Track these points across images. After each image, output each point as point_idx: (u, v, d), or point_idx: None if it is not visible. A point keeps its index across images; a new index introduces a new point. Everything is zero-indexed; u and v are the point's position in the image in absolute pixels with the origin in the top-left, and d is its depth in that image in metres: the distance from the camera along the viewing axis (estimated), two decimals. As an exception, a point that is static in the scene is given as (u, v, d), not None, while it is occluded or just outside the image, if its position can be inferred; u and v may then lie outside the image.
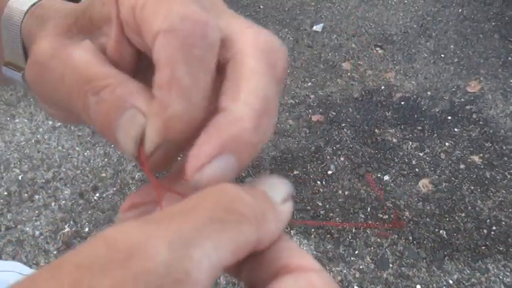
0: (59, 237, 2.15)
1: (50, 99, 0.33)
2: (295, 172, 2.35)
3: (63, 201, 2.26)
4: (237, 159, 0.26)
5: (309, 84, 2.76)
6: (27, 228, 2.16)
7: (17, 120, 2.61)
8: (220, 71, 0.28)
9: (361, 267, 2.07)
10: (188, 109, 0.26)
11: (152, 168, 0.28)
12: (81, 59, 0.30)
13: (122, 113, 0.27)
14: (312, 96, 2.69)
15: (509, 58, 2.85)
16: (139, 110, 0.27)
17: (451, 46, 2.95)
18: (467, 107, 2.62)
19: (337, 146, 2.46)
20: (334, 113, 2.61)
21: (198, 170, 0.25)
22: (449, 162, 2.39)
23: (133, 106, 0.27)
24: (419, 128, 2.54)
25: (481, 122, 2.55)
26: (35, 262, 2.06)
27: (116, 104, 0.27)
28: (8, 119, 2.61)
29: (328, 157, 2.41)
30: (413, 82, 2.76)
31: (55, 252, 2.09)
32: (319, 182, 2.32)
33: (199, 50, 0.26)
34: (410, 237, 2.14)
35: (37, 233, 2.15)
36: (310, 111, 2.62)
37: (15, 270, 0.82)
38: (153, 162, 0.28)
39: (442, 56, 2.90)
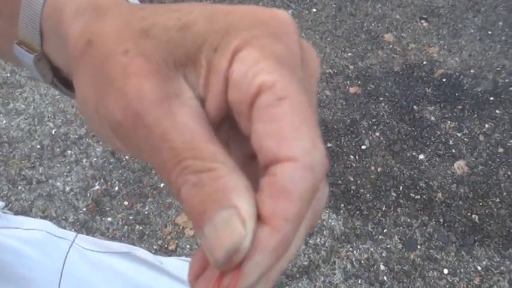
0: (88, 194, 2.16)
1: (132, 147, 0.28)
2: (329, 145, 2.31)
3: (95, 159, 2.27)
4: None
5: (349, 54, 2.69)
6: (58, 183, 2.18)
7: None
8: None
9: (388, 246, 2.04)
10: (301, 244, 0.27)
11: None
12: (188, 125, 0.26)
13: (219, 209, 0.24)
14: (351, 67, 2.63)
15: (560, 39, 2.74)
16: (240, 214, 0.24)
17: (500, 23, 2.84)
18: (511, 88, 2.53)
19: (373, 120, 2.41)
20: (373, 86, 2.55)
21: None
22: (488, 145, 2.33)
23: (234, 206, 0.24)
24: (460, 107, 2.46)
25: (524, 105, 2.47)
26: (64, 218, 2.08)
27: (215, 196, 0.24)
28: (45, 71, 2.61)
29: (363, 131, 2.37)
30: (456, 59, 2.67)
31: (84, 209, 2.11)
32: (352, 157, 2.28)
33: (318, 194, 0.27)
34: (441, 220, 2.10)
35: (67, 188, 2.17)
36: (348, 82, 2.57)
37: (44, 229, 0.81)
38: None
39: (489, 32, 2.79)
